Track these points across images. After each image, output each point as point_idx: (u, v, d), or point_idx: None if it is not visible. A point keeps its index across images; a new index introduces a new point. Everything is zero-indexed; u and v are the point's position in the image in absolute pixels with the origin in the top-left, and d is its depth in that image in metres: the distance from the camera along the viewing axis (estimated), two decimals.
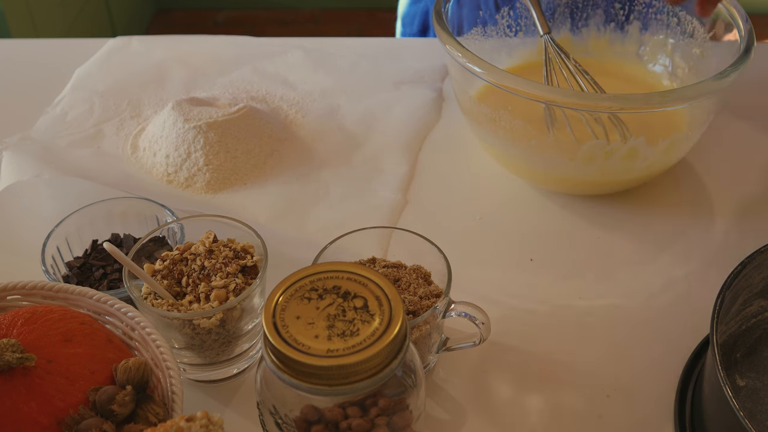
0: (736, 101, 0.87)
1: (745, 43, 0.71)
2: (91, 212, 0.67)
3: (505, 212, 0.76)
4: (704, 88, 0.66)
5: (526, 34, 0.86)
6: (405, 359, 0.46)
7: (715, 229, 0.74)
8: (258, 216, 0.75)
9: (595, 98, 0.68)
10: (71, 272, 0.65)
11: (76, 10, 2.16)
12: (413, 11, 1.18)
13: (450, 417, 0.59)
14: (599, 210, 0.76)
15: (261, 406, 0.49)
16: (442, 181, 0.80)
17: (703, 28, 0.80)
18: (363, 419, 0.46)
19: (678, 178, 0.79)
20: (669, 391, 0.60)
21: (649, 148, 0.69)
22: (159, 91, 0.92)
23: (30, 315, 0.51)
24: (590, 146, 0.69)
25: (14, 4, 1.83)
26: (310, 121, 0.87)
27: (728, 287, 0.55)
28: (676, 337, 0.64)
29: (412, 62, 0.96)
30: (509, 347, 0.63)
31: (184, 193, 0.78)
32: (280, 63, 0.96)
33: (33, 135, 0.84)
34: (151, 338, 0.53)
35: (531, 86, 0.66)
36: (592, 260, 0.71)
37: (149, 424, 0.48)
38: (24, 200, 0.79)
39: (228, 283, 0.56)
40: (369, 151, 0.83)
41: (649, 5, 0.84)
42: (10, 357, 0.46)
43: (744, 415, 0.47)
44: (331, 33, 2.58)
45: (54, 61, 0.99)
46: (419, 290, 0.58)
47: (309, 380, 0.43)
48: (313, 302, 0.45)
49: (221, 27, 2.66)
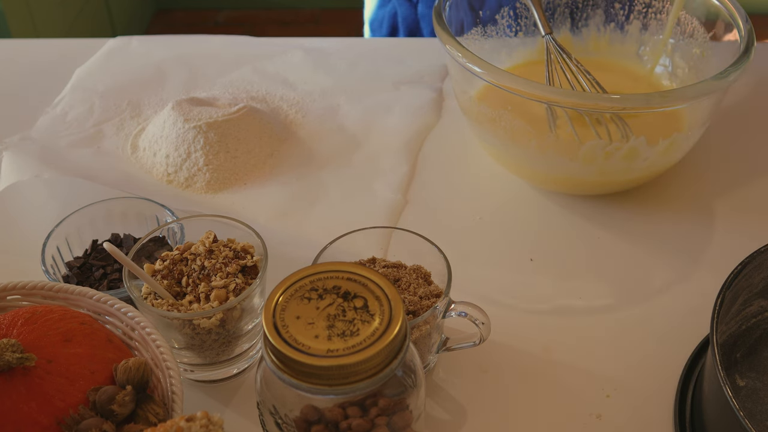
0: (736, 101, 0.87)
1: (745, 43, 0.71)
2: (91, 212, 0.67)
3: (505, 212, 0.76)
4: (704, 88, 0.66)
5: (526, 34, 0.86)
6: (405, 359, 0.46)
7: (715, 229, 0.74)
8: (258, 216, 0.75)
9: (595, 98, 0.68)
10: (71, 272, 0.65)
11: (76, 10, 2.16)
12: (380, 15, 1.18)
13: (450, 417, 0.59)
14: (599, 210, 0.76)
15: (261, 406, 0.49)
16: (442, 181, 0.80)
17: (703, 27, 0.80)
18: (363, 419, 0.46)
19: (678, 178, 0.79)
20: (669, 391, 0.60)
21: (649, 148, 0.69)
22: (159, 91, 0.92)
23: (30, 315, 0.51)
24: (590, 146, 0.69)
25: (14, 4, 1.83)
26: (310, 121, 0.87)
27: (728, 287, 0.55)
28: (676, 337, 0.64)
29: (412, 62, 0.96)
30: (509, 347, 0.63)
31: (184, 193, 0.78)
32: (280, 63, 0.96)
33: (33, 135, 0.84)
34: (151, 338, 0.53)
35: (532, 86, 0.66)
36: (592, 260, 0.71)
37: (149, 424, 0.48)
38: (24, 200, 0.79)
39: (228, 283, 0.56)
40: (369, 151, 0.83)
41: (649, 5, 0.84)
42: (10, 357, 0.46)
43: (744, 415, 0.47)
44: (331, 33, 2.58)
45: (54, 61, 0.99)
46: (419, 290, 0.58)
47: (309, 380, 0.43)
48: (313, 302, 0.45)
49: (221, 27, 2.66)
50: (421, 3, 1.13)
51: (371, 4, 1.20)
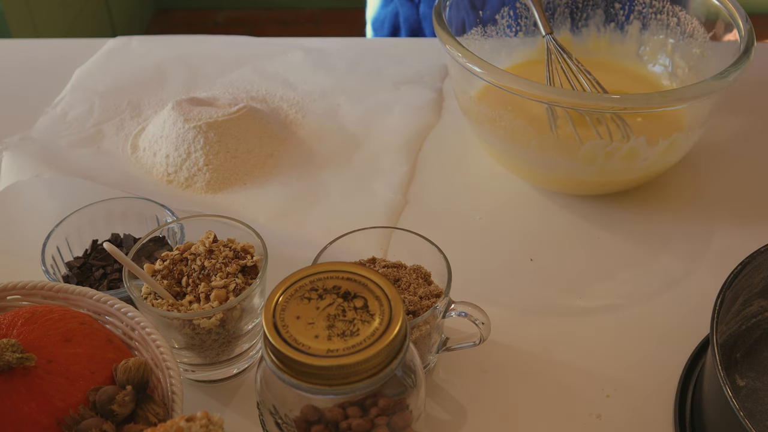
0: (736, 101, 0.87)
1: (745, 43, 0.71)
2: (91, 212, 0.67)
3: (505, 212, 0.76)
4: (704, 88, 0.66)
5: (527, 34, 0.85)
6: (405, 359, 0.46)
7: (715, 228, 0.74)
8: (258, 216, 0.75)
9: (596, 98, 0.68)
10: (71, 272, 0.65)
11: (76, 10, 2.16)
12: (382, 15, 1.18)
13: (450, 417, 0.59)
14: (599, 210, 0.76)
15: (261, 406, 0.49)
16: (442, 181, 0.80)
17: (703, 27, 0.80)
18: (363, 419, 0.46)
19: (678, 178, 0.79)
20: (669, 391, 0.60)
21: (649, 148, 0.69)
22: (159, 91, 0.92)
23: (30, 315, 0.51)
24: (591, 146, 0.69)
25: (14, 4, 1.83)
26: (310, 121, 0.87)
27: (728, 287, 0.55)
28: (676, 337, 0.64)
29: (412, 62, 0.96)
30: (509, 347, 0.63)
31: (184, 193, 0.78)
32: (280, 63, 0.96)
33: (33, 135, 0.84)
34: (151, 338, 0.53)
35: (532, 86, 0.66)
36: (592, 260, 0.71)
37: (149, 424, 0.48)
38: (24, 200, 0.79)
39: (228, 283, 0.56)
40: (369, 151, 0.83)
41: (649, 5, 0.84)
42: (10, 357, 0.46)
43: (744, 415, 0.47)
44: (331, 33, 2.58)
45: (54, 61, 0.99)
46: (419, 290, 0.58)
47: (309, 380, 0.43)
48: (313, 302, 0.45)
49: (221, 27, 2.66)
50: (423, 3, 1.13)
51: (374, 4, 1.20)
